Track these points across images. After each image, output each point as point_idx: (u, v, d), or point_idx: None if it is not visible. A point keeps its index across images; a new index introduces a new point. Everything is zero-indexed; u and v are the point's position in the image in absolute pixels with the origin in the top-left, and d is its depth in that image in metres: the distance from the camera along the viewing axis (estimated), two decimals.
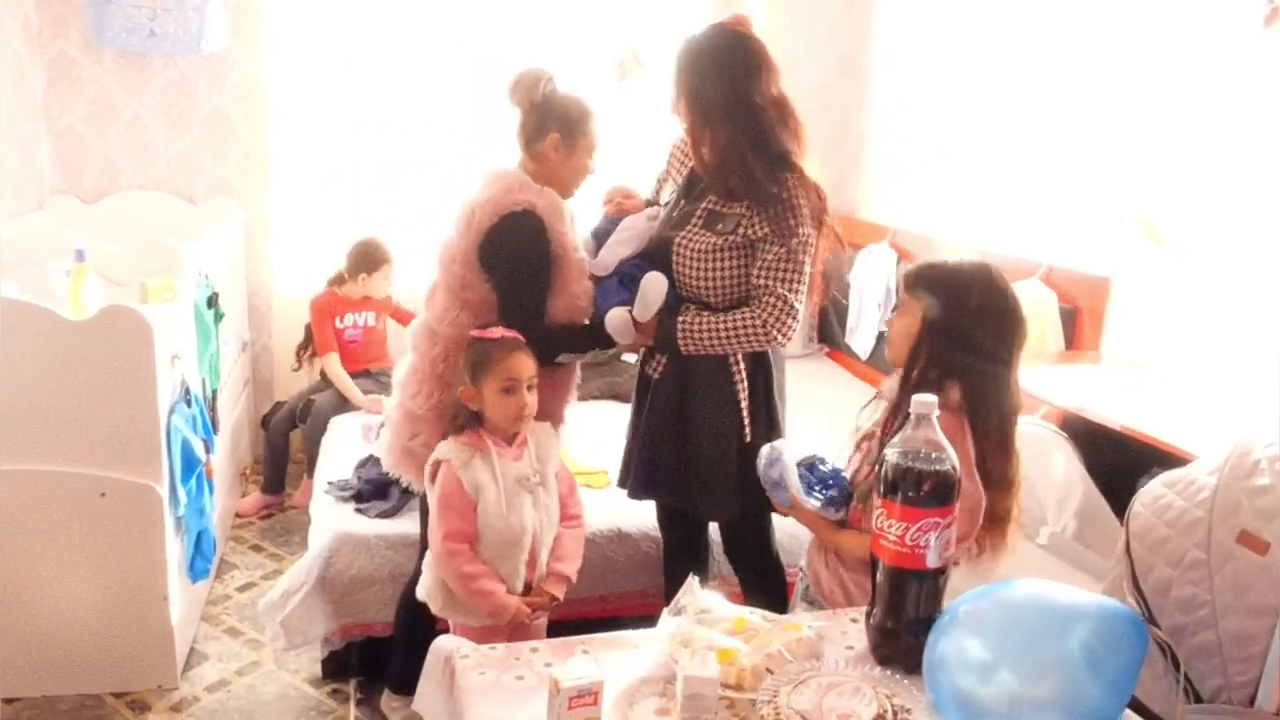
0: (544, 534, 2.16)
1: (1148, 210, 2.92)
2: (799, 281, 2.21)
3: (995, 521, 1.74)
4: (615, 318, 2.26)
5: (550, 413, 2.34)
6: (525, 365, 2.09)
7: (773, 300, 2.20)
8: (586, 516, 2.84)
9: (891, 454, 1.37)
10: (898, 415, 1.72)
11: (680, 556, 2.62)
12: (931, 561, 1.35)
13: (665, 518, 2.65)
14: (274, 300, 4.34)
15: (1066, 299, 3.17)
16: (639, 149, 3.56)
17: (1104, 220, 3.14)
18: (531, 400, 2.11)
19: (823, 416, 3.09)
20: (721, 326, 2.23)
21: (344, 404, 3.76)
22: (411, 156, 4.38)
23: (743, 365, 2.29)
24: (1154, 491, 1.31)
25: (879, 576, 1.40)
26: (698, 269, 2.26)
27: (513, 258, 2.22)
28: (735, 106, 2.21)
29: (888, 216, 4.32)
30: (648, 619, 2.80)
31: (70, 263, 2.65)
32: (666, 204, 2.44)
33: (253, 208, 4.25)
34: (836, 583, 1.89)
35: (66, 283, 2.65)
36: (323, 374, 3.95)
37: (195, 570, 2.84)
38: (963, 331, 1.69)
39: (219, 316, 3.34)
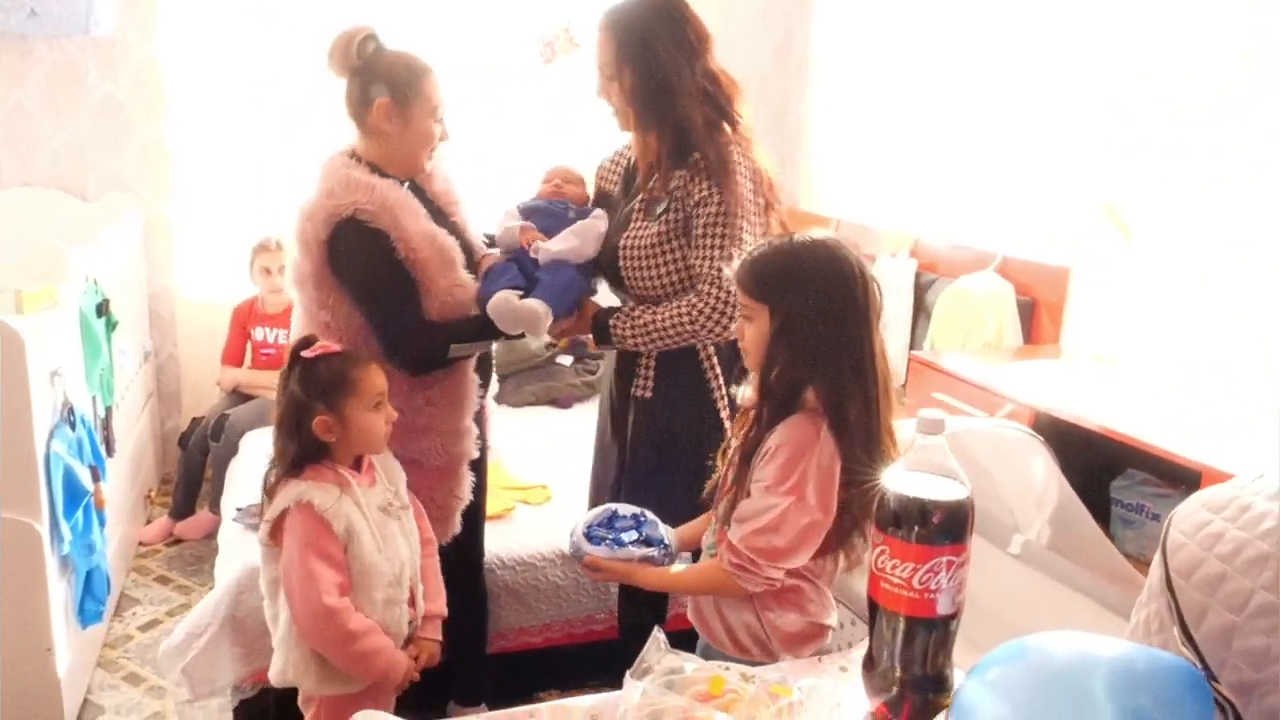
0: (418, 564, 1.88)
1: (1115, 201, 2.78)
2: (736, 247, 1.93)
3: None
4: (500, 304, 1.94)
5: (450, 429, 2.08)
6: (382, 377, 1.82)
7: (710, 282, 1.96)
8: (525, 538, 2.64)
9: (892, 481, 1.16)
10: (752, 422, 1.58)
11: None
12: (943, 607, 1.15)
13: None
14: (178, 305, 4.01)
15: (1024, 291, 3.04)
16: (570, 135, 3.33)
17: (1062, 210, 3.00)
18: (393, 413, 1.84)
19: None
20: (658, 317, 2.01)
21: (260, 418, 3.46)
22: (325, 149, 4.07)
23: (719, 373, 2.11)
24: (1197, 517, 1.11)
25: (879, 624, 1.20)
26: (644, 265, 2.06)
27: (361, 270, 1.94)
28: (682, 80, 2.00)
29: (830, 207, 4.16)
30: (597, 646, 2.63)
31: None
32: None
33: (152, 206, 3.91)
34: (724, 629, 1.66)
35: None
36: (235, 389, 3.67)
37: (86, 614, 2.53)
38: (810, 331, 1.52)
39: (111, 325, 3.02)
